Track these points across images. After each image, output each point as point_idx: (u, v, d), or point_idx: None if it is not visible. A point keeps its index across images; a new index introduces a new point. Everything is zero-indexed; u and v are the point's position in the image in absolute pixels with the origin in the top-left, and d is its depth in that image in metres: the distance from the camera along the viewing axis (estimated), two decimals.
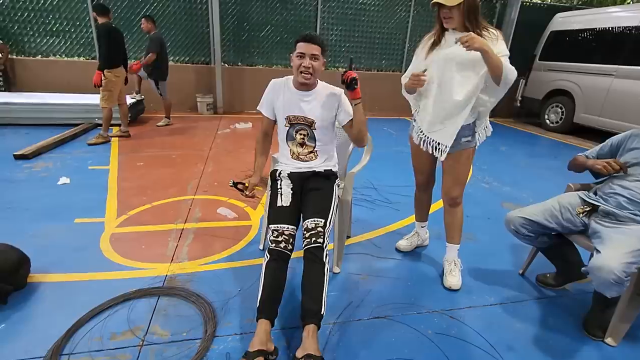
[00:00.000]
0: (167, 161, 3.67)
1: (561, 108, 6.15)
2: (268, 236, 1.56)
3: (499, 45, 1.60)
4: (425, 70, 1.70)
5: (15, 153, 3.43)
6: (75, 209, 2.51)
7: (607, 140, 1.80)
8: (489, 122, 1.84)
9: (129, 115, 4.85)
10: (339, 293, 1.81)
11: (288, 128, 1.76)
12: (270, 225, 1.57)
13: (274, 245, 1.51)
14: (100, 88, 3.98)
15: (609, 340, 1.57)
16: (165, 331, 1.48)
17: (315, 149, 1.78)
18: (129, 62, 4.30)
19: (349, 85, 1.57)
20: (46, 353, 1.34)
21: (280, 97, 1.75)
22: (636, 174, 1.60)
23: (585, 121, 5.73)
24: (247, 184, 1.76)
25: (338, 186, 1.80)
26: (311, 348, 1.30)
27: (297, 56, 1.63)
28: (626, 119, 4.97)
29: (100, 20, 3.91)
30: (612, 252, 1.40)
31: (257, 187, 1.77)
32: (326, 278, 1.48)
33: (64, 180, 2.97)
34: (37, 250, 1.87)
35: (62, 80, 5.66)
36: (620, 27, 5.34)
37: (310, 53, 1.61)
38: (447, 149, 1.75)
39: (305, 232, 1.56)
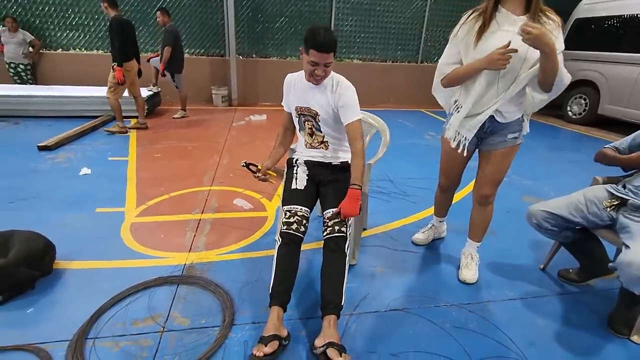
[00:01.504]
0: (184, 153, 3.71)
1: (585, 99, 5.93)
2: (280, 218, 1.56)
3: (558, 40, 1.38)
4: (509, 44, 1.35)
5: (39, 144, 3.53)
6: (96, 198, 2.57)
7: (638, 131, 1.71)
8: (527, 121, 1.68)
9: (146, 107, 4.94)
10: (355, 284, 1.81)
11: (297, 119, 1.76)
12: (283, 207, 1.58)
13: (285, 227, 1.51)
14: (109, 79, 3.99)
15: (635, 338, 1.52)
16: (185, 318, 1.51)
17: (325, 140, 1.74)
18: (147, 54, 4.35)
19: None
20: (72, 337, 1.38)
21: (292, 90, 1.75)
22: None
23: (610, 112, 5.50)
24: (259, 167, 1.75)
25: None
26: (333, 337, 1.32)
27: (310, 63, 1.51)
28: None
29: (111, 12, 3.85)
30: None
31: (269, 172, 1.76)
32: (347, 269, 1.48)
33: (85, 170, 3.04)
34: (61, 239, 1.92)
35: (82, 73, 5.78)
36: None
37: (324, 62, 1.49)
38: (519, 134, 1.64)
39: (327, 221, 1.55)
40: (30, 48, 5.46)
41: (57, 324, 1.46)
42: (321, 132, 1.75)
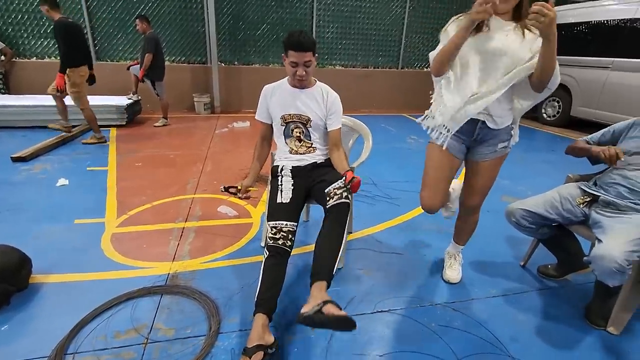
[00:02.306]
0: (166, 161, 3.65)
1: (558, 102, 6.17)
2: (267, 233, 1.56)
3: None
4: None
5: (12, 155, 3.41)
6: (74, 209, 2.50)
7: (609, 127, 1.79)
8: (516, 127, 1.67)
9: (127, 117, 4.85)
10: (341, 288, 1.81)
11: (284, 127, 1.78)
12: (269, 222, 1.58)
13: (272, 242, 1.51)
14: (68, 91, 3.72)
15: (611, 329, 1.58)
16: (170, 328, 1.48)
17: (313, 145, 1.80)
18: (126, 62, 4.26)
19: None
20: (51, 352, 1.33)
21: (274, 98, 1.78)
22: (636, 164, 1.61)
23: (582, 114, 5.75)
24: (239, 187, 1.76)
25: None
26: (326, 298, 1.27)
27: (291, 64, 1.63)
28: (623, 111, 4.99)
29: (55, 15, 3.51)
30: (613, 241, 1.40)
31: (251, 189, 1.77)
32: (344, 240, 1.50)
33: (62, 181, 2.95)
34: (38, 252, 1.86)
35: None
36: (615, 20, 5.35)
37: (303, 61, 1.61)
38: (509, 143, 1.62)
39: (335, 190, 1.58)
40: (2, 57, 5.29)
41: (34, 340, 1.40)
42: (310, 138, 1.77)
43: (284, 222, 1.55)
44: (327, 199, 1.58)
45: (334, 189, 1.59)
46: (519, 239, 2.25)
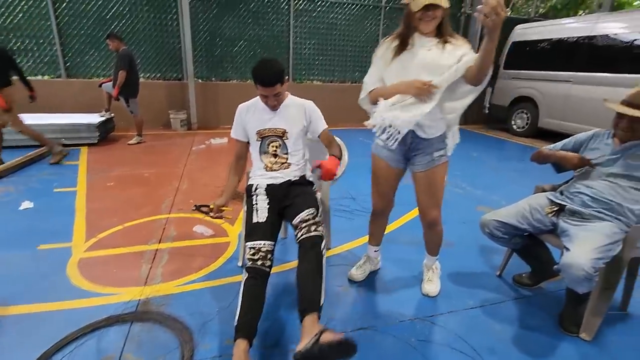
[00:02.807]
0: (140, 180, 3.55)
1: (526, 113, 6.46)
2: (245, 254, 1.52)
3: (468, 48, 1.53)
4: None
5: None
6: (39, 234, 2.37)
7: (571, 137, 1.87)
8: (457, 130, 1.73)
9: (99, 135, 4.70)
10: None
11: (260, 142, 1.77)
12: (247, 243, 1.54)
13: (251, 263, 1.47)
14: None
15: (583, 335, 1.62)
16: (139, 359, 1.40)
17: (288, 160, 1.78)
18: (99, 79, 4.13)
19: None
20: None
21: (250, 116, 1.80)
22: (598, 173, 1.68)
23: (548, 125, 6.03)
24: (212, 206, 1.72)
25: (315, 193, 1.80)
26: (318, 328, 1.22)
27: (260, 96, 1.68)
28: (585, 122, 5.27)
29: None
30: (580, 250, 1.45)
31: (224, 208, 1.73)
32: (324, 270, 1.45)
33: (26, 204, 2.80)
34: None
35: (26, 99, 5.41)
36: (574, 37, 5.71)
37: (272, 94, 1.64)
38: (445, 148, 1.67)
39: (301, 224, 1.54)
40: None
41: None
42: (286, 152, 1.76)
43: (262, 242, 1.53)
44: (296, 230, 1.55)
45: (300, 221, 1.55)
46: (494, 249, 2.30)
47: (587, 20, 5.70)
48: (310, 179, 1.84)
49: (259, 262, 1.47)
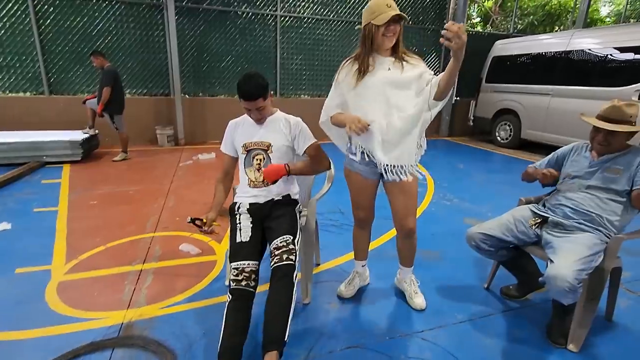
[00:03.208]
0: (124, 198, 3.48)
1: (509, 125, 6.63)
2: (229, 275, 1.50)
3: (424, 67, 1.64)
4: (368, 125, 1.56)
5: None
6: (16, 257, 2.28)
7: (553, 153, 1.93)
8: (424, 138, 1.76)
9: (82, 152, 4.62)
10: (310, 325, 1.75)
11: (245, 155, 1.76)
12: (231, 264, 1.52)
13: (235, 284, 1.45)
14: None
15: (571, 347, 1.63)
16: None
17: None
18: (83, 95, 4.08)
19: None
20: None
21: (238, 130, 1.81)
22: (578, 185, 1.73)
23: (531, 136, 6.20)
24: (205, 220, 1.71)
25: (299, 212, 1.79)
26: None
27: (245, 110, 1.70)
28: (565, 133, 5.44)
29: None
30: (563, 261, 1.48)
31: (215, 223, 1.71)
32: (293, 301, 1.43)
33: (3, 226, 2.71)
34: None
35: (6, 116, 5.31)
36: (551, 52, 5.94)
37: (255, 108, 1.65)
38: (415, 167, 1.69)
39: (275, 251, 1.52)
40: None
41: None
42: None
43: (246, 262, 1.51)
44: (270, 257, 1.54)
45: (275, 248, 1.53)
46: (482, 261, 2.32)
47: (562, 36, 5.95)
48: (296, 197, 1.83)
49: (243, 283, 1.45)
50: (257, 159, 1.75)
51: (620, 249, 1.61)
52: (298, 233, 1.65)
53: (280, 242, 1.54)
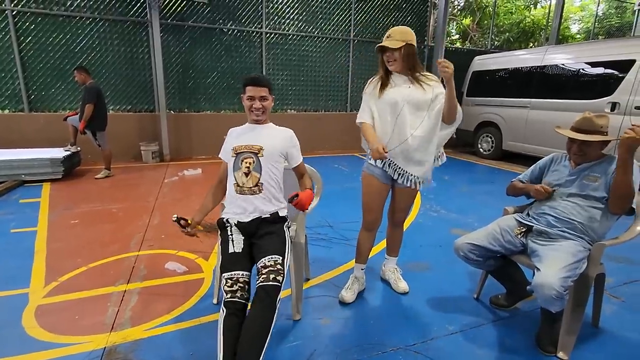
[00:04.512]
0: (107, 216, 3.38)
1: (491, 137, 6.82)
2: (222, 286, 1.47)
3: (441, 87, 1.86)
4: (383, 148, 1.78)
5: None
6: None
7: (534, 165, 1.99)
8: (443, 153, 2.04)
9: (63, 170, 4.50)
10: (301, 342, 1.72)
11: (234, 158, 1.73)
12: (223, 274, 1.49)
13: (229, 296, 1.41)
14: None
15: (560, 354, 1.64)
16: None
17: (260, 181, 1.70)
18: (65, 112, 4.00)
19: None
20: None
21: (234, 136, 1.83)
22: (559, 194, 1.78)
23: (512, 148, 6.38)
24: (190, 221, 1.69)
25: (288, 228, 1.77)
26: None
27: (248, 99, 1.74)
28: (544, 144, 5.62)
29: None
30: (549, 269, 1.51)
31: (198, 227, 1.69)
32: (272, 325, 1.39)
33: None
34: None
35: None
36: (527, 67, 6.20)
37: (259, 95, 1.73)
38: (429, 181, 1.96)
39: (262, 269, 1.48)
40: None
41: None
42: (260, 171, 1.71)
43: (240, 272, 1.49)
44: (257, 275, 1.50)
45: (262, 267, 1.50)
46: (471, 272, 2.34)
47: (537, 52, 6.23)
48: (284, 215, 1.79)
49: (238, 294, 1.42)
50: (246, 162, 1.70)
51: (604, 255, 1.66)
52: (287, 253, 1.61)
53: (269, 261, 1.50)
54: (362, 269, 2.15)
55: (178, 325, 1.82)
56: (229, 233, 1.66)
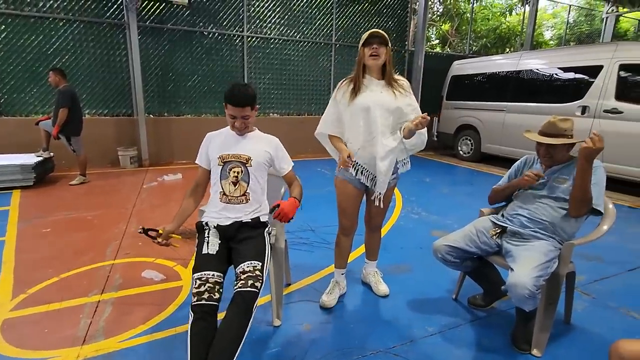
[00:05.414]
0: (82, 224, 3.27)
1: (470, 140, 6.99)
2: (191, 288, 1.43)
3: (412, 98, 1.91)
4: (349, 156, 1.82)
5: None
6: None
7: (510, 169, 2.04)
8: (408, 158, 2.03)
9: (35, 176, 4.33)
10: (281, 348, 1.70)
11: (221, 167, 1.70)
12: (193, 275, 1.47)
13: (196, 299, 1.38)
14: None
15: (535, 352, 1.69)
16: None
17: (248, 191, 1.70)
18: (37, 116, 3.85)
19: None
20: None
21: (215, 141, 1.77)
22: (532, 195, 1.83)
23: (490, 150, 6.55)
24: (160, 231, 1.63)
25: (269, 234, 1.76)
26: None
27: (229, 116, 1.67)
28: (520, 146, 5.78)
29: None
30: (522, 269, 1.55)
31: (174, 236, 1.64)
32: (246, 333, 1.36)
33: None
34: None
35: None
36: (503, 72, 6.39)
37: (241, 115, 1.66)
38: (386, 183, 1.92)
39: (240, 275, 1.46)
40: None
41: None
42: (247, 181, 1.70)
43: (210, 273, 1.46)
44: (235, 280, 1.48)
45: (241, 272, 1.48)
46: (450, 273, 2.36)
47: (512, 57, 6.43)
48: (265, 220, 1.79)
49: (206, 296, 1.39)
50: (234, 172, 1.69)
51: (575, 254, 1.72)
52: (267, 259, 1.59)
53: (247, 267, 1.48)
54: (342, 274, 2.16)
55: (153, 336, 1.77)
56: (206, 235, 1.64)
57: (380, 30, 1.79)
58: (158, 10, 5.84)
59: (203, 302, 1.38)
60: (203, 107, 6.52)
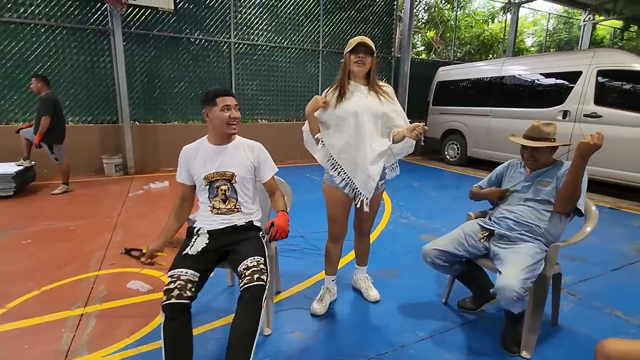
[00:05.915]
0: (64, 234, 3.18)
1: (456, 145, 7.10)
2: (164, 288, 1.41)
3: (397, 104, 1.92)
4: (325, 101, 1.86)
5: None
6: None
7: (493, 171, 2.08)
8: (397, 163, 2.04)
9: (15, 186, 4.19)
10: (271, 358, 1.67)
11: (209, 186, 1.71)
12: (167, 273, 1.45)
13: (166, 297, 1.36)
14: None
15: (524, 353, 1.70)
16: None
17: (238, 203, 1.73)
18: (18, 124, 3.74)
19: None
20: None
21: (195, 158, 1.73)
22: (517, 199, 1.87)
23: (476, 154, 6.67)
24: (144, 250, 1.61)
25: (263, 238, 1.75)
26: None
27: (223, 109, 1.65)
28: (505, 150, 5.91)
29: None
30: (510, 272, 1.57)
31: (159, 254, 1.61)
32: (260, 327, 1.37)
33: None
34: None
35: None
36: (487, 77, 6.54)
37: (234, 104, 1.68)
38: (374, 187, 1.89)
39: (245, 271, 1.45)
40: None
41: None
42: (236, 196, 1.71)
43: (183, 270, 1.44)
44: (240, 277, 1.48)
45: (245, 268, 1.48)
46: (440, 277, 2.39)
47: (495, 63, 6.59)
48: (258, 224, 1.79)
49: (175, 293, 1.36)
50: (221, 190, 1.70)
51: (561, 255, 1.75)
52: (266, 252, 1.62)
53: (251, 262, 1.49)
54: (332, 280, 2.15)
55: (140, 349, 1.72)
56: (193, 240, 1.63)
57: (367, 39, 1.78)
58: (143, 17, 5.78)
59: (172, 300, 1.35)
60: (190, 113, 6.46)
